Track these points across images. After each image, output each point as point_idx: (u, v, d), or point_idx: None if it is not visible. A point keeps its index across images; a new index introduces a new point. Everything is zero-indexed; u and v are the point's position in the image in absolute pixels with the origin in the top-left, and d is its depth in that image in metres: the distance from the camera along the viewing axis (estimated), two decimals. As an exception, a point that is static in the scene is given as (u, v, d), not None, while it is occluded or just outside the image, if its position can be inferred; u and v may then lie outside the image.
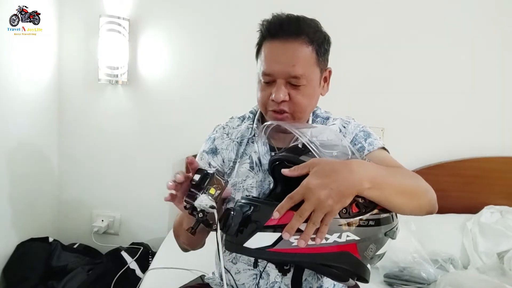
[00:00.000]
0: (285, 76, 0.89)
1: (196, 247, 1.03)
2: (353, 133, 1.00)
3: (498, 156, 1.96)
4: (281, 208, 0.67)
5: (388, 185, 0.74)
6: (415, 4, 1.92)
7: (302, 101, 0.91)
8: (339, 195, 0.66)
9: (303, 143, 0.76)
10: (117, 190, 2.06)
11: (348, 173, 0.68)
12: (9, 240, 1.72)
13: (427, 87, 1.97)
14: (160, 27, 1.96)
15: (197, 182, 0.71)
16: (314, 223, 0.66)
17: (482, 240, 1.70)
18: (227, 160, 1.02)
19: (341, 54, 1.79)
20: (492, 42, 1.94)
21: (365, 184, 0.69)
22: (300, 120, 0.96)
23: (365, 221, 0.71)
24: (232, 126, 1.07)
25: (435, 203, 0.85)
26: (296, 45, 0.88)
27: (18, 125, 1.73)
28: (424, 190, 0.83)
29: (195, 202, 0.69)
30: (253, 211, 0.71)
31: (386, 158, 0.94)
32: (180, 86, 1.99)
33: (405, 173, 0.85)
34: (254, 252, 0.70)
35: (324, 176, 0.67)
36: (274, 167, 0.85)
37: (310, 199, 0.65)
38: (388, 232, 0.76)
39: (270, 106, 0.93)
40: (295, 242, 0.67)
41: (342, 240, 0.70)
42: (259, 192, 0.96)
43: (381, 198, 0.73)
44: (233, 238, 0.71)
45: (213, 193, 0.70)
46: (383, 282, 1.51)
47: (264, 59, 0.91)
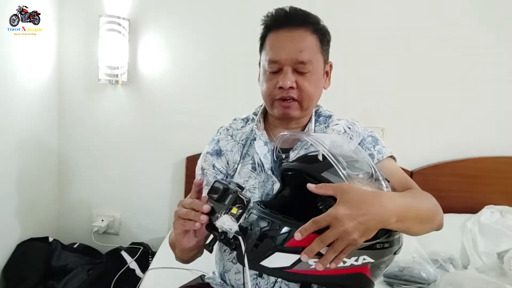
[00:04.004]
0: (292, 63, 0.91)
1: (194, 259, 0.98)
2: (360, 135, 1.00)
3: (498, 156, 1.96)
4: (304, 230, 0.65)
5: (410, 217, 0.74)
6: (415, 5, 1.92)
7: (309, 88, 0.93)
8: (366, 229, 0.65)
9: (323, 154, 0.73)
10: (117, 190, 2.06)
11: (379, 207, 0.67)
12: (9, 240, 1.72)
13: (427, 87, 1.97)
14: (160, 27, 1.96)
15: (216, 198, 0.67)
16: (335, 251, 0.65)
17: (482, 240, 1.70)
18: (232, 162, 1.02)
19: (341, 54, 1.79)
20: (492, 42, 1.94)
21: (393, 219, 0.68)
22: (307, 110, 0.98)
23: (380, 244, 0.71)
24: (236, 127, 1.07)
25: (442, 222, 0.87)
26: (302, 32, 0.92)
27: (18, 125, 1.73)
28: (436, 213, 0.84)
29: (217, 222, 0.66)
30: (271, 228, 0.68)
31: (396, 170, 0.95)
32: (180, 86, 1.99)
33: (422, 197, 0.85)
34: (271, 271, 0.69)
35: (354, 207, 0.64)
36: (286, 174, 0.84)
37: (336, 228, 0.63)
38: (397, 250, 0.77)
39: (277, 95, 0.94)
40: (313, 264, 0.66)
41: (358, 263, 0.69)
42: (262, 193, 0.96)
43: (401, 229, 0.74)
44: (249, 254, 0.68)
45: (235, 213, 0.66)
46: (383, 282, 1.51)
47: (270, 48, 0.94)
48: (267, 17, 0.97)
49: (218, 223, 0.66)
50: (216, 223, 0.66)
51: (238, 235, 0.66)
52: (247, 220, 0.71)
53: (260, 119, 1.05)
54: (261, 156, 0.98)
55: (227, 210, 0.66)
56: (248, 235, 0.67)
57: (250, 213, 0.73)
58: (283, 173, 0.84)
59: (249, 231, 0.68)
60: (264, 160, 0.97)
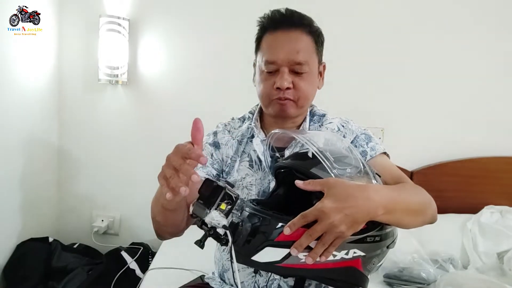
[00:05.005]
0: (289, 63, 0.92)
1: (175, 232, 0.95)
2: (354, 133, 1.01)
3: (498, 156, 1.96)
4: (293, 225, 0.66)
5: (399, 208, 0.74)
6: (416, 5, 1.92)
7: (305, 88, 0.94)
8: (352, 221, 0.66)
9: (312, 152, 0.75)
10: (117, 190, 2.06)
11: (365, 200, 0.68)
12: (9, 240, 1.72)
13: (427, 87, 1.97)
14: (160, 27, 1.96)
15: (206, 195, 0.69)
16: (324, 244, 0.66)
17: (482, 240, 1.70)
18: (225, 156, 1.03)
19: (341, 54, 1.80)
20: (492, 42, 1.94)
21: (380, 211, 0.69)
22: (302, 109, 0.99)
23: (371, 237, 0.72)
24: (233, 126, 1.08)
25: (436, 215, 0.87)
26: (298, 33, 0.94)
27: (18, 125, 1.73)
28: (428, 205, 0.84)
29: (206, 218, 0.67)
30: (262, 224, 0.70)
31: (388, 166, 0.96)
32: (180, 86, 1.99)
33: (412, 189, 0.85)
34: (263, 265, 0.70)
35: (340, 200, 0.66)
36: (279, 172, 0.85)
37: (324, 221, 0.65)
38: (390, 244, 0.77)
39: (275, 95, 0.94)
40: (303, 258, 0.67)
41: (349, 256, 0.70)
42: (259, 190, 0.97)
43: (391, 221, 0.74)
44: (240, 249, 0.70)
45: (223, 209, 0.68)
46: (383, 282, 1.51)
47: (267, 49, 0.95)
48: (263, 18, 0.98)
49: (207, 219, 0.67)
50: (205, 218, 0.68)
51: (226, 229, 0.68)
52: (239, 217, 0.72)
53: (257, 117, 1.06)
54: (259, 153, 0.99)
55: (216, 206, 0.68)
56: (239, 231, 0.69)
57: (243, 210, 0.75)
58: (276, 171, 0.85)
59: (240, 227, 0.69)
60: (262, 157, 0.98)
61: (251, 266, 0.74)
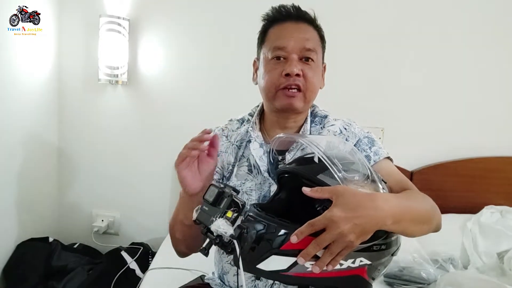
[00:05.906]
0: (299, 50, 0.94)
1: (194, 247, 0.99)
2: (356, 136, 1.00)
3: (498, 156, 1.96)
4: (300, 233, 0.65)
5: (407, 218, 0.74)
6: (416, 6, 1.92)
7: (313, 78, 0.95)
8: (362, 231, 0.65)
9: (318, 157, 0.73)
10: (117, 190, 2.06)
11: (374, 209, 0.66)
12: (9, 240, 1.72)
13: (427, 87, 1.97)
14: (160, 27, 1.96)
15: (211, 201, 0.67)
16: (332, 254, 0.65)
17: (482, 240, 1.70)
18: (226, 164, 1.02)
19: (341, 54, 1.80)
20: (492, 42, 1.94)
21: (388, 221, 0.68)
22: (308, 104, 0.99)
23: (377, 246, 0.71)
24: (231, 128, 1.07)
25: (440, 223, 0.87)
26: (306, 25, 0.97)
27: (18, 125, 1.73)
28: (433, 214, 0.84)
29: (212, 226, 0.66)
30: (267, 231, 0.67)
31: (393, 171, 0.95)
32: (180, 86, 1.99)
33: (419, 198, 0.85)
34: (268, 274, 0.68)
35: (349, 209, 0.64)
36: (282, 176, 0.84)
37: (332, 231, 0.63)
38: (395, 252, 0.77)
39: (283, 83, 0.94)
40: (309, 267, 0.66)
41: (355, 265, 0.69)
42: (259, 195, 0.96)
43: (397, 230, 0.74)
44: (245, 256, 0.68)
45: (230, 216, 0.66)
46: (383, 282, 1.51)
47: (276, 37, 0.96)
48: (271, 12, 0.99)
49: (213, 227, 0.66)
50: (211, 226, 0.66)
51: (233, 239, 0.66)
52: (243, 223, 0.70)
53: (256, 120, 1.04)
54: (257, 158, 0.97)
55: (222, 214, 0.66)
56: (244, 238, 0.67)
57: (247, 216, 0.72)
58: (280, 175, 0.84)
59: (245, 234, 0.67)
60: (260, 163, 0.97)
61: (256, 274, 0.71)
